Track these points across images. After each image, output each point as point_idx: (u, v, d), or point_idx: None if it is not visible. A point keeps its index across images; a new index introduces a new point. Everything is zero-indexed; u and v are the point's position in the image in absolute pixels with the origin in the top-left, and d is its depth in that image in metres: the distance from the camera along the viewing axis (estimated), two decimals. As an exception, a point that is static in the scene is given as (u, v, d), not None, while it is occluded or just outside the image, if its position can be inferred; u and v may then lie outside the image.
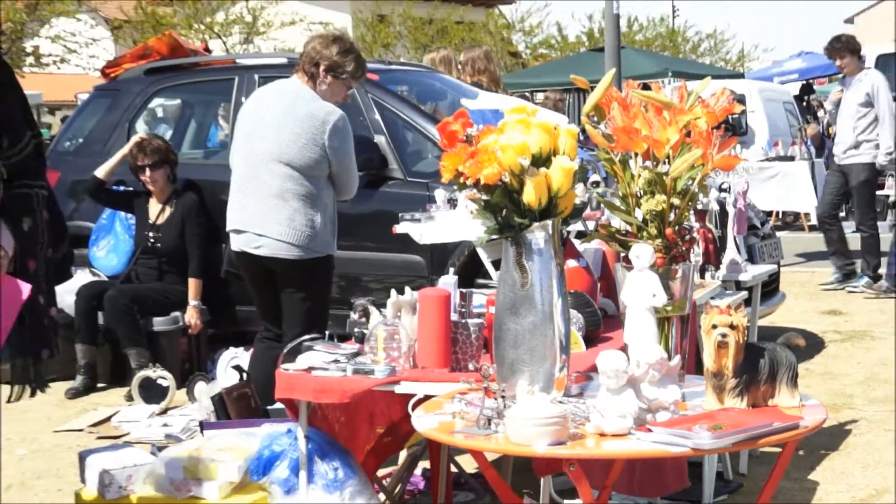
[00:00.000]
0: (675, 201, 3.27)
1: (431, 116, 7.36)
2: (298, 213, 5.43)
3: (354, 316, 3.99)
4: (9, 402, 3.78)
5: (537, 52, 33.66)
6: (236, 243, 5.56)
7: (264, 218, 5.46)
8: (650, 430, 2.81)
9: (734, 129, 14.20)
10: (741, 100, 12.63)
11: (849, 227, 12.73)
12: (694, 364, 3.46)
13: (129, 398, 6.73)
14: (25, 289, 3.45)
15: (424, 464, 4.81)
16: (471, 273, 6.06)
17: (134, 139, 7.65)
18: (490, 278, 5.43)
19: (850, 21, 48.44)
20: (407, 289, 3.89)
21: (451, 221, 5.55)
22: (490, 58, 6.51)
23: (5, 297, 3.41)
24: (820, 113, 16.44)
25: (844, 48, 11.28)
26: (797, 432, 2.88)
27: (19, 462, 6.01)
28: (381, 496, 4.32)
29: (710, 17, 73.50)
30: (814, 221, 14.54)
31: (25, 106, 3.77)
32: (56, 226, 3.97)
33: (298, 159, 5.47)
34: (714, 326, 3.02)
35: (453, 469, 4.64)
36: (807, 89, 17.19)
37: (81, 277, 7.48)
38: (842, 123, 10.30)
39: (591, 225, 4.93)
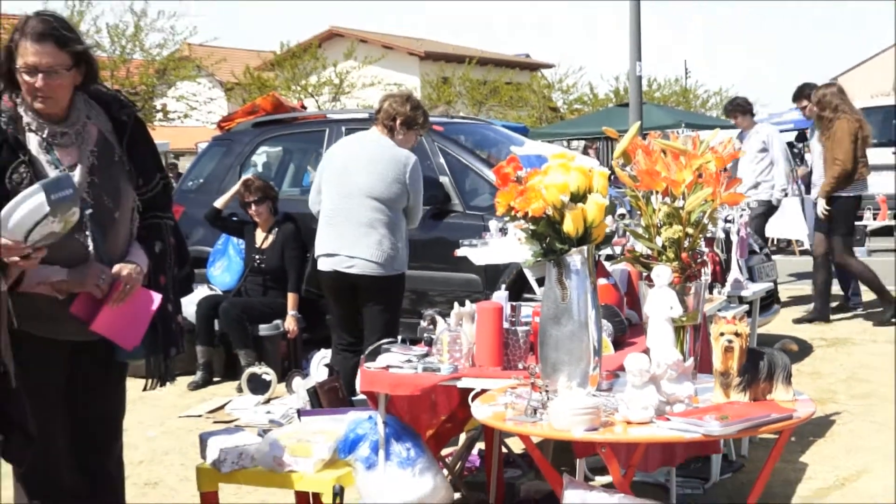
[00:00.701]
0: (689, 231, 3.32)
1: (486, 160, 7.43)
2: (385, 238, 5.67)
3: (424, 324, 4.02)
4: (144, 390, 3.91)
5: (573, 108, 33.46)
6: (328, 264, 5.72)
7: (356, 242, 5.67)
8: (668, 419, 2.86)
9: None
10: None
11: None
12: (705, 364, 3.49)
13: (240, 390, 6.81)
14: (157, 298, 3.55)
15: (480, 445, 4.81)
16: (518, 289, 6.06)
17: (242, 179, 7.85)
18: (534, 293, 5.49)
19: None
20: (467, 302, 3.94)
21: (503, 247, 5.58)
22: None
23: (141, 304, 3.49)
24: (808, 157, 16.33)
25: (737, 109, 11.41)
26: (791, 422, 2.94)
27: (150, 442, 6.16)
28: (444, 472, 4.33)
29: (716, 77, 73.03)
30: (805, 247, 14.54)
31: (155, 154, 3.88)
32: (180, 250, 4.08)
33: (385, 194, 5.71)
34: (721, 334, 3.05)
35: (504, 450, 4.67)
36: (801, 137, 16.98)
37: (201, 292, 7.68)
38: (742, 168, 10.41)
39: (618, 250, 4.99)
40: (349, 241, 5.72)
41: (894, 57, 41.26)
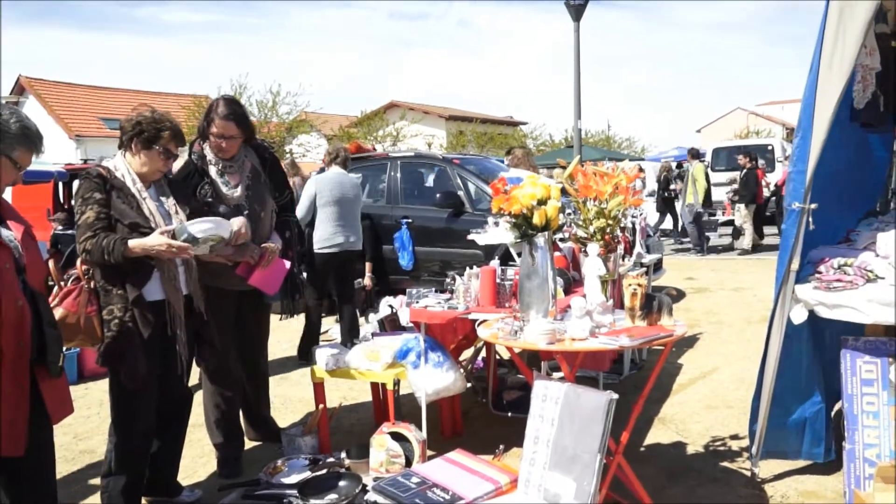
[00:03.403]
0: (610, 222, 3.28)
1: (485, 181, 7.40)
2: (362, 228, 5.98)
3: (448, 280, 3.98)
4: (280, 320, 3.97)
5: (539, 148, 33.35)
6: (342, 246, 5.75)
7: (355, 232, 5.84)
8: (597, 337, 2.83)
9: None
10: (643, 170, 12.71)
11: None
12: (619, 303, 3.49)
13: (337, 321, 6.87)
14: (287, 264, 3.58)
15: (483, 354, 4.85)
16: (506, 259, 6.07)
17: None
18: (516, 261, 5.50)
19: (699, 131, 46.81)
20: (474, 267, 3.90)
21: (496, 233, 5.57)
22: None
23: (278, 268, 3.53)
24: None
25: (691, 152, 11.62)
26: (672, 338, 2.89)
27: (284, 352, 6.24)
28: (461, 370, 4.40)
29: (626, 128, 72.84)
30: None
31: (285, 178, 3.89)
32: (300, 236, 4.14)
33: (361, 204, 6.04)
34: (630, 285, 3.02)
35: (497, 357, 4.70)
36: (678, 166, 16.95)
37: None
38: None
39: (567, 234, 5.01)
40: (353, 230, 5.81)
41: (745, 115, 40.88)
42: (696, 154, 13.03)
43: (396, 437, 3.45)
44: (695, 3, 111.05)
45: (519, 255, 3.94)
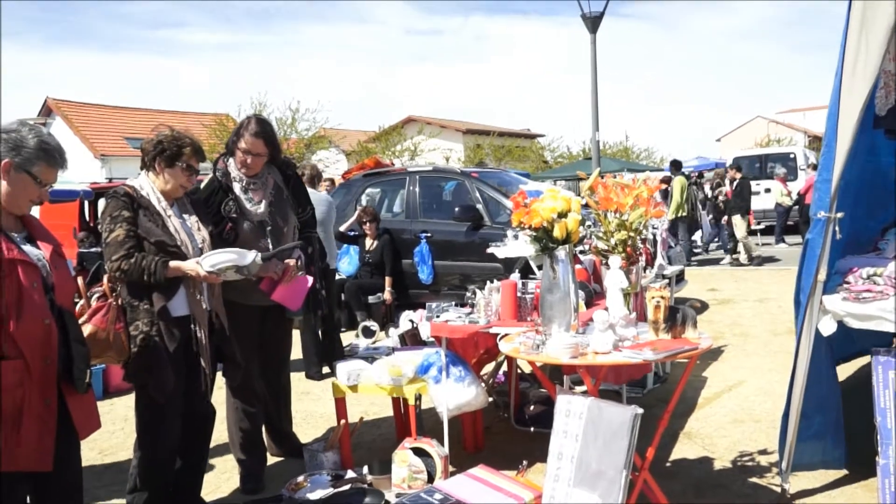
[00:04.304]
0: (631, 234, 3.25)
1: (504, 194, 7.37)
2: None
3: (469, 294, 3.96)
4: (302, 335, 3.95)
5: (557, 160, 33.26)
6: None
7: (330, 250, 5.82)
8: (621, 351, 2.81)
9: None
10: (666, 181, 12.56)
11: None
12: (642, 316, 3.46)
13: (357, 336, 6.85)
14: (310, 280, 3.58)
15: (505, 368, 4.78)
16: (525, 272, 6.05)
17: (359, 209, 7.90)
18: (536, 275, 5.46)
19: (719, 140, 46.59)
20: (495, 280, 3.89)
21: (516, 246, 5.54)
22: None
23: (301, 284, 3.52)
24: (706, 188, 16.19)
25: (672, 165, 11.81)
26: (697, 351, 2.86)
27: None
28: (483, 385, 4.37)
29: (645, 139, 72.78)
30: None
31: (307, 194, 3.92)
32: (322, 252, 4.15)
33: (333, 221, 6.16)
34: (653, 297, 3.00)
35: (519, 371, 4.64)
36: (699, 176, 16.85)
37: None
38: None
39: (588, 247, 4.97)
40: (328, 250, 5.71)
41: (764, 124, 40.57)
42: (678, 166, 12.92)
43: (418, 452, 3.43)
44: (710, 11, 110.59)
45: (539, 268, 3.93)
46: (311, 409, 5.07)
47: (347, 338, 7.08)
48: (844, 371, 4.90)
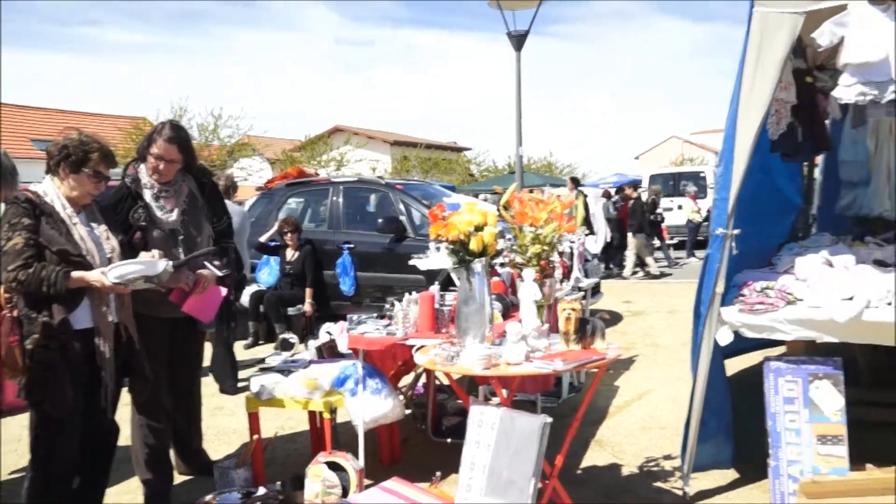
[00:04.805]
0: (545, 248, 3.29)
1: (428, 206, 7.42)
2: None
3: (388, 306, 3.92)
4: (215, 348, 3.85)
5: (482, 174, 33.76)
6: None
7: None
8: (532, 361, 2.85)
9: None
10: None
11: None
12: (555, 327, 3.54)
13: (276, 349, 6.72)
14: (223, 291, 3.52)
15: (423, 380, 4.77)
16: (447, 283, 6.08)
17: (280, 219, 7.78)
18: (455, 286, 5.50)
19: (637, 158, 48.56)
20: (413, 292, 3.87)
21: (438, 258, 5.60)
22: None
23: (214, 295, 3.46)
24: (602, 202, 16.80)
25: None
26: (604, 361, 2.95)
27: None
28: (401, 397, 4.36)
29: (568, 155, 74.84)
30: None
31: (223, 203, 3.87)
32: (238, 263, 4.07)
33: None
34: (564, 309, 3.07)
35: (437, 382, 4.63)
36: (619, 191, 17.48)
37: (253, 287, 7.53)
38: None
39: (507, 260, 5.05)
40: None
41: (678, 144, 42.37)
42: (576, 182, 13.54)
43: (333, 466, 3.39)
44: (631, 34, 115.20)
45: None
46: (224, 424, 4.93)
47: (266, 350, 6.95)
48: (733, 367, 5.18)
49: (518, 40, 11.46)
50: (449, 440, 4.26)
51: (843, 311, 2.98)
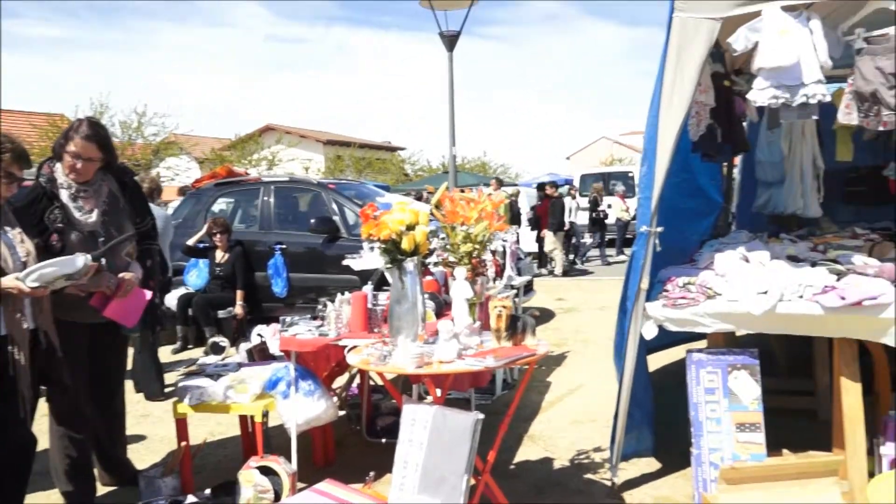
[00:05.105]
0: (477, 247, 3.33)
1: (361, 206, 7.37)
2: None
3: (320, 307, 3.91)
4: (138, 353, 3.74)
5: (417, 173, 33.82)
6: None
7: None
8: (464, 359, 2.88)
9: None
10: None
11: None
12: (487, 325, 3.58)
13: (206, 353, 6.56)
14: (148, 294, 3.43)
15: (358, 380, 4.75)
16: (382, 283, 6.06)
17: (209, 220, 7.59)
18: (389, 285, 5.49)
19: (568, 158, 49.67)
20: (346, 292, 3.85)
21: (371, 258, 5.56)
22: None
23: (137, 298, 3.37)
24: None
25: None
26: (535, 357, 3.01)
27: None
28: (335, 398, 4.34)
29: (501, 155, 75.83)
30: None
31: (146, 204, 3.77)
32: (162, 265, 3.96)
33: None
34: (495, 307, 3.11)
35: (371, 382, 4.64)
36: (539, 189, 17.94)
37: (180, 291, 7.34)
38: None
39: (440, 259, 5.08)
40: None
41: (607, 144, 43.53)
42: (500, 183, 14.07)
43: (265, 471, 3.34)
44: (562, 36, 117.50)
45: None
46: (150, 432, 4.78)
47: (196, 355, 6.77)
48: (660, 360, 5.38)
49: (450, 41, 11.54)
50: (384, 440, 4.25)
51: (759, 304, 3.13)
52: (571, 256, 14.74)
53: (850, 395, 3.07)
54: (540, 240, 13.63)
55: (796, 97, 3.14)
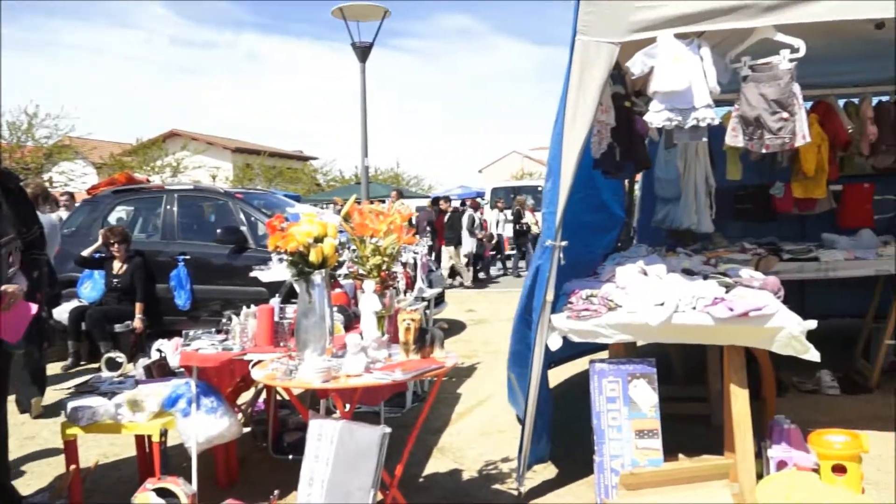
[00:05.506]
0: (386, 259, 3.33)
1: (270, 216, 7.23)
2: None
3: (224, 320, 3.79)
4: (21, 370, 3.51)
5: (329, 184, 33.48)
6: None
7: None
8: (372, 372, 2.88)
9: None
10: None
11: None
12: (396, 338, 3.58)
13: (100, 369, 6.21)
14: (34, 308, 3.25)
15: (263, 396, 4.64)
16: (290, 296, 5.94)
17: (105, 229, 7.20)
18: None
19: (480, 171, 50.52)
20: (252, 305, 3.76)
21: (280, 270, 5.46)
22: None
23: (22, 312, 3.19)
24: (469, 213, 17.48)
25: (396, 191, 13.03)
26: (443, 369, 3.03)
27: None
28: (240, 415, 4.21)
29: (415, 167, 76.29)
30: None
31: (34, 211, 3.58)
32: (51, 276, 3.74)
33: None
34: (404, 319, 3.13)
35: (279, 398, 4.53)
36: (462, 204, 18.15)
37: (72, 304, 6.92)
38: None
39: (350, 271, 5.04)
40: None
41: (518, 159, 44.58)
42: (400, 194, 14.68)
43: (163, 493, 3.19)
44: (475, 53, 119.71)
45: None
46: (36, 455, 4.46)
47: (89, 372, 6.40)
48: (567, 372, 5.54)
49: (363, 52, 11.52)
50: (291, 457, 4.16)
51: (656, 315, 3.28)
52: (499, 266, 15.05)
53: (739, 400, 3.26)
54: (438, 253, 13.82)
55: (688, 120, 3.33)
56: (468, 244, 14.22)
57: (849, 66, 5.29)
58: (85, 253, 7.08)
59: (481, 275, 15.08)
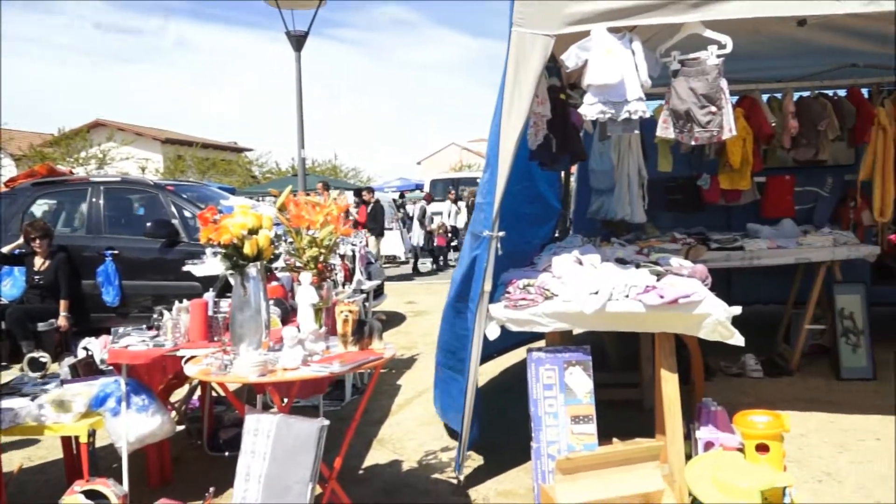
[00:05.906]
0: (322, 251, 3.31)
1: (202, 208, 7.06)
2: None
3: (155, 316, 3.71)
4: None
5: (265, 176, 32.83)
6: None
7: None
8: (310, 365, 2.85)
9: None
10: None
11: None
12: (334, 330, 3.55)
13: (22, 370, 5.93)
14: None
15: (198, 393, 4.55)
16: (225, 290, 5.81)
17: (25, 224, 6.88)
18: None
19: (419, 163, 50.56)
20: (185, 300, 3.64)
21: (214, 264, 5.34)
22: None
23: None
24: (407, 206, 17.52)
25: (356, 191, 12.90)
26: (380, 361, 3.01)
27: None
28: (173, 413, 4.11)
29: (353, 159, 75.69)
30: (402, 259, 15.75)
31: None
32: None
33: None
34: (342, 311, 3.09)
35: (214, 394, 4.46)
36: (401, 196, 18.14)
37: (-9, 303, 6.63)
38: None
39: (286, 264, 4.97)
40: None
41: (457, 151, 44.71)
42: (326, 186, 14.45)
43: (92, 495, 3.10)
44: (412, 46, 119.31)
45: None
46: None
47: (10, 374, 6.10)
48: (503, 362, 5.62)
49: (298, 41, 11.35)
50: (227, 453, 4.10)
51: (590, 303, 3.37)
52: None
53: (669, 384, 3.38)
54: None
55: (620, 112, 3.41)
56: (416, 236, 14.29)
57: (772, 62, 5.53)
58: (4, 249, 6.76)
59: (440, 262, 15.32)
